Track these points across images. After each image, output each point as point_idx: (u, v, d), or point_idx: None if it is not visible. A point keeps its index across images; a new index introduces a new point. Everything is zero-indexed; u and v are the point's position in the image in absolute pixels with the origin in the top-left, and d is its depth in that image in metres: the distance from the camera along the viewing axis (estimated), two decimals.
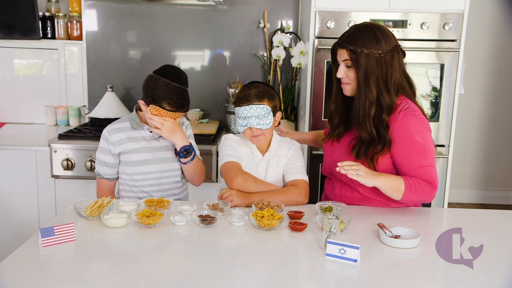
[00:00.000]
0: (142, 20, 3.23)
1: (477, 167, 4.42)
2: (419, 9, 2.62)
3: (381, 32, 1.71)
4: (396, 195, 1.71)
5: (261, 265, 1.37)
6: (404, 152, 1.72)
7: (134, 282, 1.23)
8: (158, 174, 2.00)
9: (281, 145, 1.96)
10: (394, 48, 1.72)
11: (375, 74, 1.69)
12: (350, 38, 1.71)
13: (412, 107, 1.74)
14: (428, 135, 1.74)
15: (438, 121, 2.72)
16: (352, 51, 1.69)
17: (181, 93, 1.88)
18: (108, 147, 1.96)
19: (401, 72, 1.76)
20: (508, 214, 1.85)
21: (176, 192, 2.05)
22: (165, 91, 1.85)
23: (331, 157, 1.90)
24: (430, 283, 1.31)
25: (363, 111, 1.72)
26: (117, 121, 2.03)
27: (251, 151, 1.93)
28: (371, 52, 1.68)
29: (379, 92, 1.71)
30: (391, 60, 1.70)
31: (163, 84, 1.85)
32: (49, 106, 3.22)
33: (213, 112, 3.33)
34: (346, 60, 1.73)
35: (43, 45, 3.19)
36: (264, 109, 1.83)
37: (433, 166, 1.75)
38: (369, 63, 1.68)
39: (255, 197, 1.78)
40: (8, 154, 2.77)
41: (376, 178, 1.68)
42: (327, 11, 2.62)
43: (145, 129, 1.99)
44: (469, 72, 3.83)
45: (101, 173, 2.00)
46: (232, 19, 3.22)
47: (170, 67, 1.97)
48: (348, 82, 1.76)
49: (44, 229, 1.40)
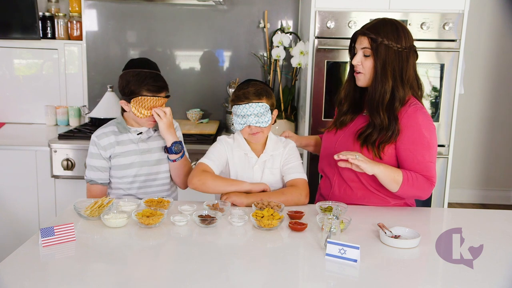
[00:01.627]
0: (142, 20, 3.23)
1: (477, 167, 4.42)
2: (419, 9, 2.62)
3: (402, 29, 1.77)
4: (393, 186, 1.74)
5: (261, 265, 1.37)
6: (410, 145, 1.75)
7: (134, 282, 1.23)
8: (146, 177, 2.00)
9: (276, 145, 1.96)
10: (411, 46, 1.78)
11: (392, 66, 1.74)
12: (373, 27, 1.76)
13: (421, 105, 1.80)
14: (434, 133, 1.79)
15: (438, 121, 2.72)
16: (373, 39, 1.74)
17: (155, 76, 1.90)
18: (99, 151, 1.95)
19: (413, 71, 1.81)
20: (508, 214, 1.85)
21: (163, 195, 2.02)
22: (138, 80, 1.87)
23: (333, 146, 1.90)
24: (430, 283, 1.31)
25: (378, 97, 1.75)
26: (104, 126, 2.02)
27: (245, 153, 1.92)
28: (391, 44, 1.73)
29: (394, 84, 1.75)
30: (407, 57, 1.76)
31: (134, 74, 1.88)
32: (49, 106, 3.22)
33: (213, 112, 3.33)
34: (365, 48, 1.76)
35: (43, 45, 3.19)
36: (263, 107, 1.83)
37: (434, 163, 1.78)
38: (388, 54, 1.73)
39: (255, 198, 1.78)
40: (8, 154, 2.77)
41: (375, 166, 1.70)
42: (327, 11, 2.62)
43: (132, 131, 1.98)
44: (469, 72, 3.83)
45: (94, 178, 1.97)
46: (232, 19, 3.22)
47: (135, 59, 2.01)
48: (362, 71, 1.79)
49: (44, 229, 1.40)
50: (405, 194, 1.78)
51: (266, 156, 1.92)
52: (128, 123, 1.99)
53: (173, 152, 1.95)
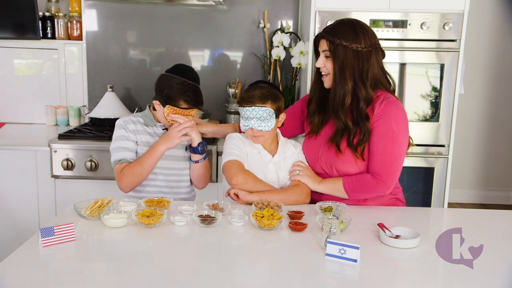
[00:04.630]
0: (142, 20, 3.23)
1: (477, 167, 4.42)
2: (419, 9, 2.62)
3: (361, 28, 1.78)
4: (342, 195, 1.81)
5: (261, 265, 1.37)
6: (376, 137, 1.77)
7: (134, 282, 1.23)
8: (168, 171, 2.01)
9: (286, 146, 1.96)
10: (372, 45, 1.77)
11: (351, 66, 1.75)
12: (331, 30, 1.79)
13: (395, 99, 1.80)
14: (405, 127, 1.79)
15: (438, 121, 2.72)
16: (331, 42, 1.77)
17: (196, 90, 1.93)
18: (128, 133, 1.95)
19: (379, 69, 1.81)
20: (508, 214, 1.85)
21: (182, 191, 2.06)
22: (181, 89, 1.88)
23: (317, 153, 1.90)
24: (430, 283, 1.31)
25: (338, 100, 1.77)
26: (128, 115, 2.04)
27: (258, 151, 1.92)
28: (349, 45, 1.74)
29: (355, 84, 1.76)
30: (368, 56, 1.76)
31: (178, 82, 1.89)
32: (49, 106, 3.22)
33: (213, 112, 3.33)
34: (325, 50, 1.79)
35: (43, 45, 3.19)
36: (266, 112, 1.83)
37: (395, 159, 1.76)
38: (346, 55, 1.75)
39: (257, 196, 1.78)
40: (8, 154, 2.77)
41: (316, 183, 1.83)
42: (327, 11, 2.62)
43: (158, 126, 2.01)
44: (469, 72, 3.83)
45: (125, 157, 1.92)
46: (232, 19, 3.22)
47: (183, 65, 2.01)
48: (327, 73, 1.82)
49: (44, 229, 1.40)
50: (359, 197, 1.83)
51: (280, 157, 1.93)
52: (155, 118, 2.02)
53: (199, 152, 1.96)
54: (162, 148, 1.90)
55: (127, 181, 1.89)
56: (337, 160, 1.81)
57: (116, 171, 1.92)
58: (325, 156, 1.85)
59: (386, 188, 1.79)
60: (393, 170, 1.77)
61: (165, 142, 1.90)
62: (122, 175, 1.89)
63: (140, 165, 1.89)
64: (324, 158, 1.86)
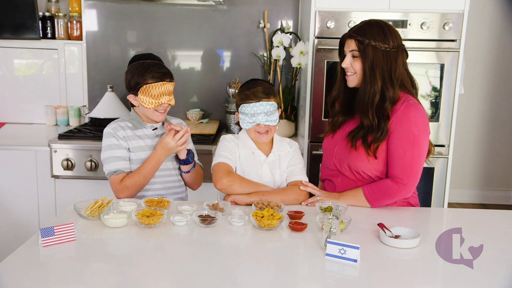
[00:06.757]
0: (142, 20, 3.23)
1: (477, 167, 4.42)
2: (419, 9, 2.62)
3: (389, 29, 1.79)
4: (366, 204, 1.81)
5: (261, 265, 1.37)
6: (396, 140, 1.76)
7: (134, 282, 1.23)
8: (162, 172, 2.00)
9: (281, 145, 1.96)
10: (399, 45, 1.79)
11: (381, 66, 1.76)
12: (359, 30, 1.79)
13: (415, 101, 1.80)
14: (424, 129, 1.78)
15: (438, 121, 2.72)
16: (360, 41, 1.77)
17: (158, 64, 1.94)
18: (119, 141, 1.94)
19: (404, 70, 1.82)
20: (508, 214, 1.85)
21: (178, 190, 2.06)
22: (142, 69, 1.90)
23: (332, 150, 1.92)
24: (430, 283, 1.31)
25: (367, 99, 1.77)
26: (114, 121, 2.01)
27: (252, 152, 1.92)
28: (378, 45, 1.75)
29: (384, 84, 1.76)
30: (395, 56, 1.77)
31: (137, 66, 1.92)
32: (49, 106, 3.22)
33: (213, 112, 3.33)
34: (353, 50, 1.79)
35: (43, 45, 3.19)
36: (272, 106, 1.85)
37: (417, 162, 1.76)
38: (376, 55, 1.75)
39: (256, 196, 1.78)
40: (8, 154, 2.77)
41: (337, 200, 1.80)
42: (327, 11, 2.62)
43: (148, 127, 2.00)
44: (469, 72, 3.83)
45: (120, 168, 1.91)
46: (232, 19, 3.22)
47: (138, 54, 2.10)
48: (353, 72, 1.82)
49: (44, 229, 1.40)
50: (382, 204, 1.82)
51: (275, 156, 1.93)
52: (142, 119, 2.00)
53: (189, 162, 1.99)
54: (164, 158, 1.93)
55: (129, 192, 1.89)
56: (350, 157, 1.83)
57: (113, 182, 1.90)
58: (339, 153, 1.87)
59: (407, 191, 1.79)
60: (414, 172, 1.77)
61: (166, 151, 1.92)
62: (122, 187, 1.88)
63: (143, 177, 1.90)
64: (338, 155, 1.88)
